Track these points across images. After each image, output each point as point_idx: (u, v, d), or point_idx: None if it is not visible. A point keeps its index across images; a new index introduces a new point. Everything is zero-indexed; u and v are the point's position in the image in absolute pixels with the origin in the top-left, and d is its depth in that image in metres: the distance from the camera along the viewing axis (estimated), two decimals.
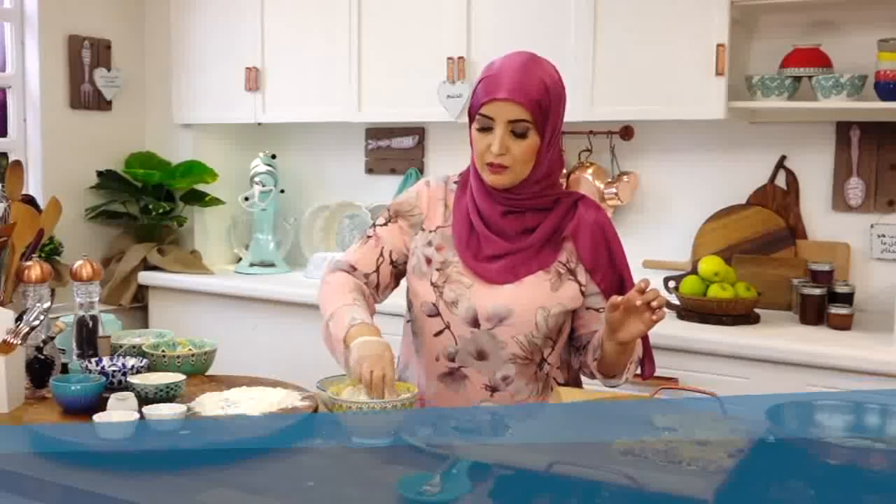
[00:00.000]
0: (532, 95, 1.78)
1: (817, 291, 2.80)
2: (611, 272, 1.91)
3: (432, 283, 1.90)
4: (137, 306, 3.84)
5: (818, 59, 2.82)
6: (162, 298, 3.83)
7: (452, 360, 1.90)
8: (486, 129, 1.82)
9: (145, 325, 3.80)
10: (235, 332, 3.45)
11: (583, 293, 1.90)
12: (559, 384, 1.94)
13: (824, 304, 2.79)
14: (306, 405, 1.80)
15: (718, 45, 2.80)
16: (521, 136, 1.80)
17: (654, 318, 1.75)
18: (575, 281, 1.89)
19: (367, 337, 1.73)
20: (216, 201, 3.93)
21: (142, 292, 3.86)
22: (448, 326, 1.89)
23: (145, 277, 3.81)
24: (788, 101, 2.85)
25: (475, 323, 1.86)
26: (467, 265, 1.88)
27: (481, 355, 1.88)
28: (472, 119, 1.87)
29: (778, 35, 3.03)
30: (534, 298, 1.85)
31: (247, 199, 3.84)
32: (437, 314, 1.90)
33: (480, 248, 1.88)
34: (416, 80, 3.35)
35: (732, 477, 1.34)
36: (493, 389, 1.89)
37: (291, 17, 3.62)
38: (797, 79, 2.85)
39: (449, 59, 3.26)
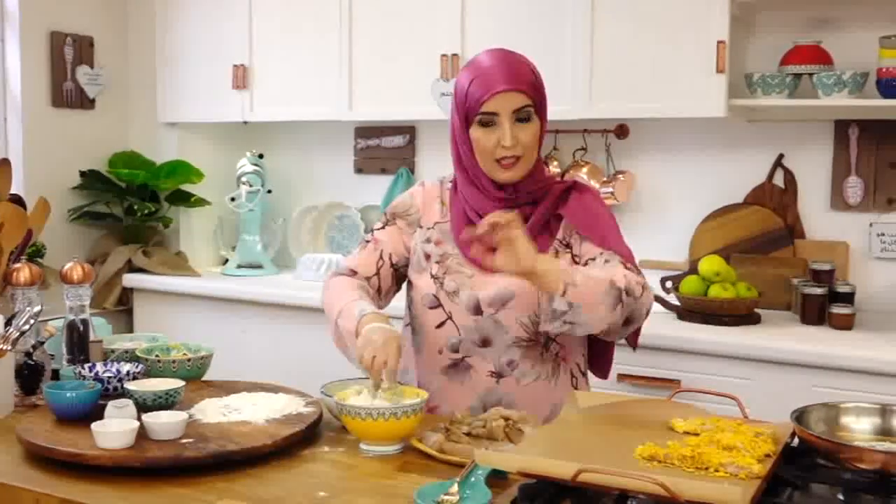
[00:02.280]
0: (527, 79, 1.81)
1: (819, 291, 2.78)
2: (602, 237, 1.84)
3: (432, 275, 1.89)
4: (122, 309, 3.76)
5: (819, 56, 2.79)
6: (147, 301, 3.74)
7: (456, 350, 1.88)
8: (489, 126, 1.80)
9: (130, 328, 3.72)
10: (223, 336, 3.36)
11: (576, 262, 1.84)
12: (581, 372, 1.92)
13: (825, 303, 2.76)
14: (311, 411, 1.74)
15: (719, 42, 2.77)
16: (525, 121, 1.80)
17: (500, 241, 1.61)
18: (570, 252, 1.87)
19: (377, 324, 1.70)
20: (202, 202, 3.85)
21: (126, 295, 3.78)
22: (450, 316, 1.87)
23: (130, 280, 3.74)
24: (789, 98, 2.82)
25: (477, 310, 1.85)
26: (467, 256, 1.87)
27: (485, 342, 1.86)
28: (468, 122, 1.82)
29: (775, 32, 3.00)
30: None
31: (233, 199, 3.78)
32: (439, 305, 1.88)
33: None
34: (409, 77, 3.29)
35: (766, 483, 1.29)
36: (499, 375, 1.87)
37: (280, 13, 3.56)
38: (797, 76, 2.82)
39: (443, 56, 3.20)
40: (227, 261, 3.90)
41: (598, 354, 1.98)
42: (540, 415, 1.81)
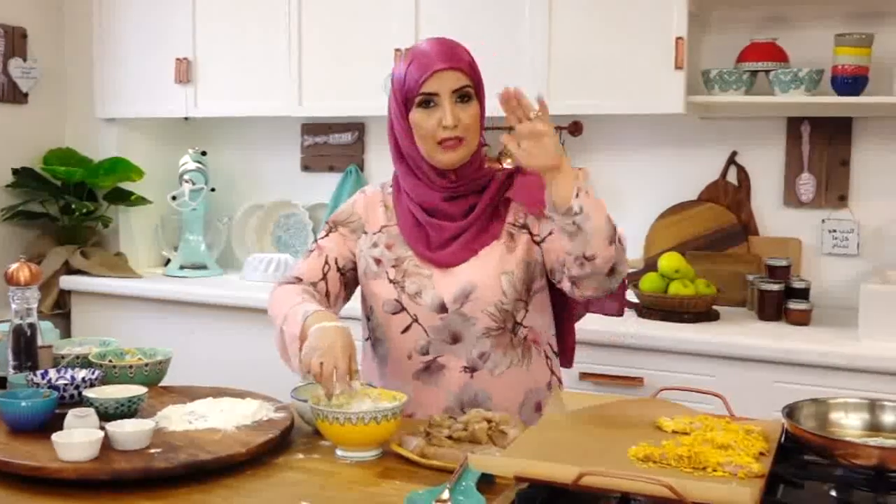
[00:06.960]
0: (465, 59, 1.81)
1: (776, 287, 2.79)
2: None
3: (391, 280, 1.85)
4: (59, 313, 3.60)
5: (775, 53, 2.81)
6: (86, 304, 3.59)
7: (426, 352, 1.84)
8: (429, 107, 1.78)
9: (68, 332, 3.56)
10: (167, 339, 3.19)
11: (535, 242, 1.84)
12: (553, 352, 1.91)
13: (782, 299, 2.78)
14: (282, 417, 1.67)
15: (677, 39, 2.76)
16: (466, 100, 1.79)
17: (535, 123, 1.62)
18: (528, 233, 1.85)
19: (323, 324, 1.65)
20: (142, 200, 3.72)
21: (63, 298, 3.62)
22: (416, 319, 1.83)
23: (67, 282, 3.58)
24: (746, 95, 2.83)
25: (443, 308, 1.82)
26: (422, 257, 1.85)
27: (455, 338, 1.83)
28: (408, 107, 1.80)
29: (730, 30, 3.01)
30: (494, 266, 1.82)
31: (175, 198, 3.64)
32: (402, 310, 1.84)
33: (430, 237, 1.85)
34: (361, 72, 3.21)
35: (768, 481, 1.27)
36: (472, 370, 1.83)
37: (226, 4, 3.44)
38: (754, 73, 2.83)
39: (396, 50, 3.14)
40: (168, 261, 3.77)
41: (560, 341, 1.97)
42: (515, 402, 1.83)
